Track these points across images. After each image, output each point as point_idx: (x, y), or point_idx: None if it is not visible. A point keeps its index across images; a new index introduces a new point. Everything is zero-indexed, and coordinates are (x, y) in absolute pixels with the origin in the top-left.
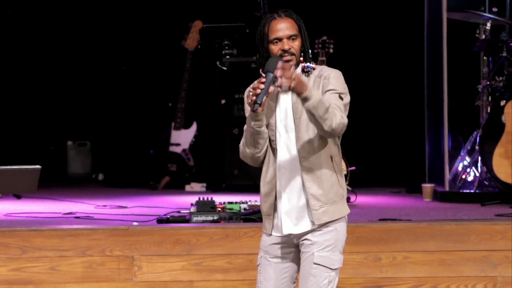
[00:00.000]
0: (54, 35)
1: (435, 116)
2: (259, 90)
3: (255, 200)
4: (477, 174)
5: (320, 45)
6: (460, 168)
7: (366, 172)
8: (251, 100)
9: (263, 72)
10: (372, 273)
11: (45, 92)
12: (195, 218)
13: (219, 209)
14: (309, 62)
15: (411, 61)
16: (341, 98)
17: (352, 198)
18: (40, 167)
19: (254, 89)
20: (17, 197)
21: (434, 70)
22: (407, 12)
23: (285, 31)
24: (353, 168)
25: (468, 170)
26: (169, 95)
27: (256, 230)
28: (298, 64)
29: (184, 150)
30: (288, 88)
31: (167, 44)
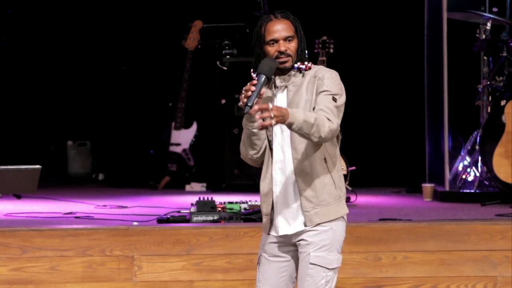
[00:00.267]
0: (54, 35)
1: (435, 116)
2: (250, 93)
3: (255, 200)
4: (477, 174)
5: (320, 45)
6: (460, 168)
7: (366, 172)
8: (243, 103)
9: (255, 74)
10: (372, 273)
11: (45, 92)
12: (195, 218)
13: (219, 209)
14: (306, 62)
15: (411, 61)
16: (335, 100)
17: (352, 198)
18: (40, 167)
19: (246, 91)
20: (17, 197)
21: (434, 70)
22: (407, 12)
23: (282, 33)
24: (353, 168)
25: (468, 170)
26: (169, 95)
27: (256, 230)
28: (293, 66)
29: (184, 150)
30: (271, 125)
31: (167, 44)
